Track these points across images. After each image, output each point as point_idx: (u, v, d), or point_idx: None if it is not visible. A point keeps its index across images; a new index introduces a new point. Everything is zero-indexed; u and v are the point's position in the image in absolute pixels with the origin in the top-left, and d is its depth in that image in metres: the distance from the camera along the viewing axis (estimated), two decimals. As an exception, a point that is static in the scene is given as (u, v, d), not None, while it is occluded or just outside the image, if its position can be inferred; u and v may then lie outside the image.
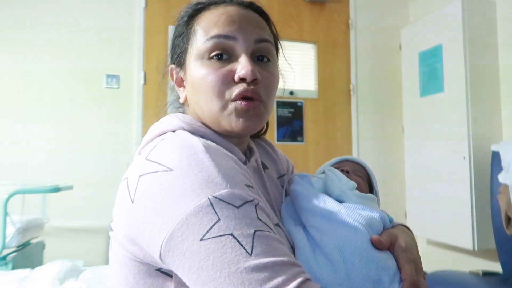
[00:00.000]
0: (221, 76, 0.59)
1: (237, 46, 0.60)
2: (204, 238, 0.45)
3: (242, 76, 0.58)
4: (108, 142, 2.53)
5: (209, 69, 0.60)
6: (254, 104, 0.60)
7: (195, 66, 0.62)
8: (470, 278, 1.77)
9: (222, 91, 0.59)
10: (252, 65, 0.59)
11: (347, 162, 0.83)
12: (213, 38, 0.60)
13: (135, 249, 0.53)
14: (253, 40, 0.61)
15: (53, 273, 1.61)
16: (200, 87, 0.61)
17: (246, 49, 0.60)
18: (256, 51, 0.62)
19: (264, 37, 0.63)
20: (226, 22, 0.60)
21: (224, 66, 0.60)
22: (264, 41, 0.62)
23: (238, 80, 0.59)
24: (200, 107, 0.62)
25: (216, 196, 0.47)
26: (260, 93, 0.60)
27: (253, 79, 0.59)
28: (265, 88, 0.61)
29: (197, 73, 0.61)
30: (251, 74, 0.58)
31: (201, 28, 0.62)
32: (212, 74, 0.59)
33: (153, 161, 0.52)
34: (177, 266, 0.47)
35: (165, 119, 0.64)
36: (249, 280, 0.43)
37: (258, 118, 0.61)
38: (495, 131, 2.42)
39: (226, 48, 0.60)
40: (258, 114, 0.61)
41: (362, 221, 0.60)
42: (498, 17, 2.47)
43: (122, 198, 0.54)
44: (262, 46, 0.62)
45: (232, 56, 0.60)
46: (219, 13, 0.62)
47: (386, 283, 0.54)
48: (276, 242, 0.48)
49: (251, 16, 0.63)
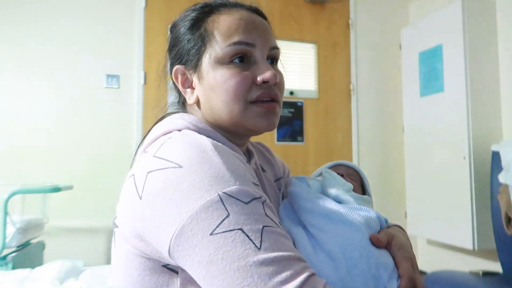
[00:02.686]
0: (244, 78, 0.62)
1: (256, 52, 0.64)
2: (214, 232, 0.46)
3: (266, 79, 0.62)
4: (108, 142, 2.53)
5: (232, 72, 0.62)
6: (273, 105, 0.64)
7: (215, 69, 0.63)
8: (470, 278, 1.77)
9: (244, 93, 0.62)
10: (273, 69, 0.64)
11: (341, 166, 0.86)
12: (235, 44, 0.63)
13: (141, 245, 0.53)
14: (269, 48, 0.66)
15: (53, 273, 1.61)
16: (221, 90, 0.62)
17: (263, 54, 0.65)
18: (269, 56, 0.67)
19: (276, 44, 0.68)
20: (247, 29, 0.64)
21: (245, 70, 0.63)
22: (276, 48, 0.68)
23: (260, 83, 0.63)
24: (218, 108, 0.64)
25: (225, 192, 0.49)
26: (278, 95, 0.65)
27: (275, 82, 0.63)
28: (280, 89, 0.66)
29: (219, 77, 0.63)
30: (274, 78, 0.62)
31: (219, 33, 0.63)
32: (235, 77, 0.62)
33: (161, 158, 0.53)
34: (186, 261, 0.48)
35: (169, 119, 0.65)
36: (258, 273, 0.44)
37: (276, 117, 0.66)
38: (495, 131, 2.42)
39: (246, 53, 0.64)
40: (276, 113, 0.66)
41: (361, 220, 0.62)
42: (498, 17, 2.47)
43: (129, 194, 0.54)
44: (274, 52, 0.67)
45: (250, 61, 0.64)
46: (236, 18, 0.64)
47: (385, 278, 0.57)
48: (283, 238, 0.50)
49: (265, 24, 0.68)
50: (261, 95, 0.63)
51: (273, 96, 0.64)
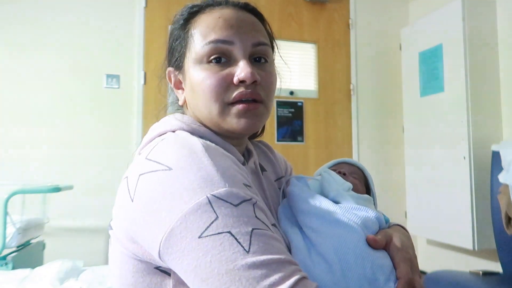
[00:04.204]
0: (220, 79, 0.60)
1: (235, 50, 0.61)
2: (203, 235, 0.46)
3: (242, 78, 0.59)
4: (108, 142, 2.53)
5: (208, 73, 0.60)
6: (254, 106, 0.61)
7: (194, 70, 0.62)
8: (470, 278, 1.77)
9: (220, 94, 0.60)
10: (251, 67, 0.60)
11: (344, 164, 0.84)
12: (211, 43, 0.61)
13: (134, 247, 0.53)
14: (250, 44, 0.62)
15: (53, 273, 1.61)
16: (199, 91, 0.61)
17: (243, 52, 0.61)
18: (253, 53, 0.63)
19: (261, 40, 0.63)
20: (224, 26, 0.61)
21: (222, 70, 0.61)
22: (260, 45, 0.63)
23: (237, 82, 0.60)
24: (199, 110, 0.63)
25: (214, 194, 0.48)
26: (260, 94, 0.62)
27: (252, 81, 0.60)
28: (264, 88, 0.63)
29: (196, 77, 0.62)
30: (250, 77, 0.59)
31: (199, 32, 0.62)
32: (211, 78, 0.60)
33: (153, 160, 0.53)
34: (176, 263, 0.47)
35: (164, 119, 0.65)
36: (246, 277, 0.44)
37: (259, 117, 0.62)
38: (495, 131, 2.42)
39: (224, 52, 0.61)
40: (258, 113, 0.62)
41: (357, 221, 0.61)
42: (498, 17, 2.47)
43: (122, 197, 0.54)
44: (259, 49, 0.63)
45: (231, 60, 0.61)
46: (215, 16, 0.62)
47: (382, 281, 0.55)
48: (273, 240, 0.48)
49: (248, 19, 0.64)
50: (238, 95, 0.60)
51: (254, 96, 0.60)
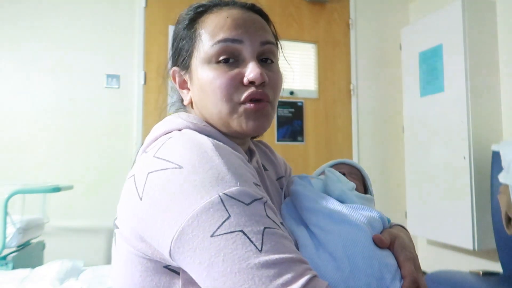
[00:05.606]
0: (230, 79, 0.60)
1: (244, 50, 0.61)
2: (215, 234, 0.46)
3: (251, 79, 0.60)
4: (108, 142, 2.53)
5: (217, 73, 0.61)
6: (262, 105, 0.62)
7: (202, 70, 0.62)
8: (470, 278, 1.77)
9: (231, 94, 0.60)
10: (260, 68, 0.60)
11: (342, 165, 0.84)
12: (220, 42, 0.61)
13: (142, 246, 0.53)
14: (259, 43, 0.63)
15: (53, 273, 1.61)
16: (208, 91, 0.62)
17: (252, 52, 0.62)
18: (261, 53, 0.63)
19: (268, 39, 0.64)
20: (232, 26, 0.62)
21: (231, 70, 0.61)
22: (268, 43, 0.64)
23: (247, 83, 0.61)
24: (208, 110, 0.63)
25: (226, 193, 0.48)
26: (268, 95, 0.62)
27: (262, 82, 0.60)
28: (272, 89, 0.63)
29: (205, 77, 0.62)
30: (260, 77, 0.60)
31: (207, 32, 0.62)
32: (220, 78, 0.60)
33: (161, 158, 0.52)
34: (187, 262, 0.47)
35: (168, 118, 0.64)
36: (259, 276, 0.44)
37: (267, 118, 0.63)
38: (495, 131, 2.42)
39: (233, 51, 0.61)
40: (266, 114, 0.63)
41: (364, 220, 0.61)
42: (498, 17, 2.47)
43: (129, 195, 0.54)
44: (266, 48, 0.64)
45: (239, 60, 0.62)
46: (224, 16, 0.63)
47: (388, 279, 0.56)
48: (284, 239, 0.49)
49: (255, 19, 0.65)
50: (249, 95, 0.60)
51: (262, 96, 0.61)
